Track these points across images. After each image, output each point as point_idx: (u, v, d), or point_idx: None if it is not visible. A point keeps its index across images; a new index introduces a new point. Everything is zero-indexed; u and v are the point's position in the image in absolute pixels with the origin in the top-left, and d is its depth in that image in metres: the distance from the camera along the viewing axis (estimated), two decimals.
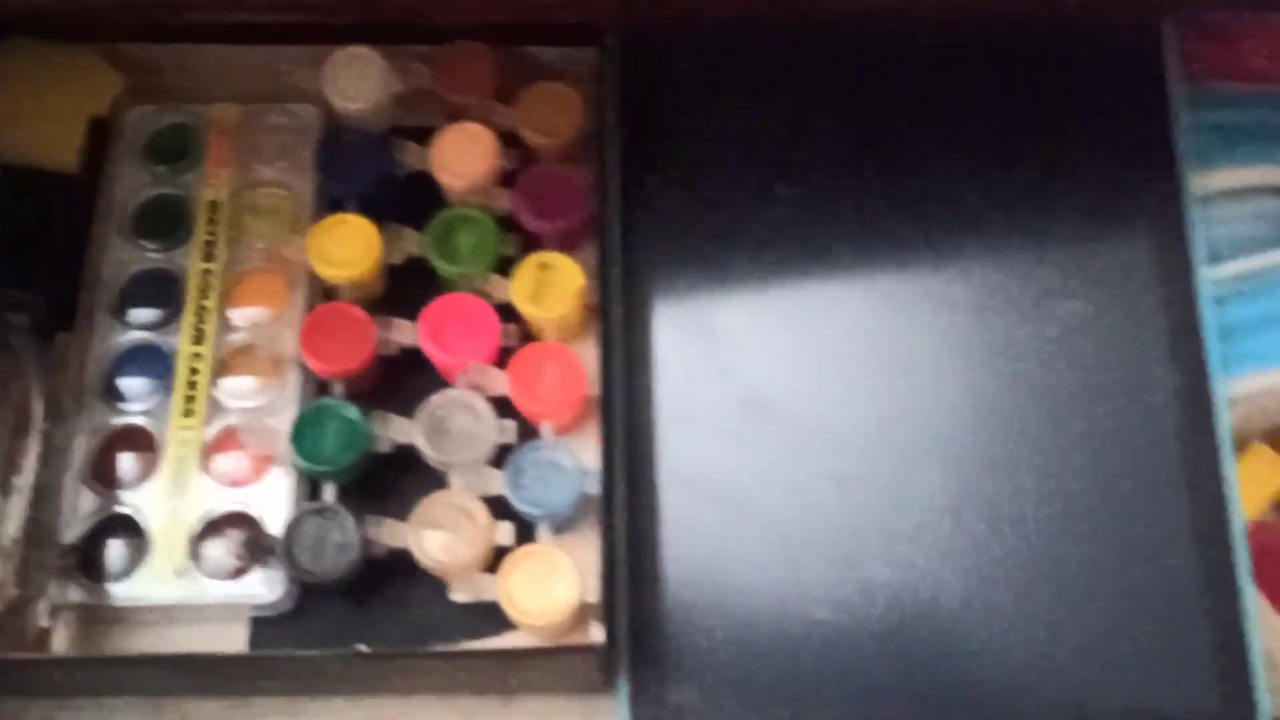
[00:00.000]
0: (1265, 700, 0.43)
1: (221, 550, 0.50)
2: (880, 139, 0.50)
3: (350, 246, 0.54)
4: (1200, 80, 0.50)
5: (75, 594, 0.48)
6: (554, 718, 0.50)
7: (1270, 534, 0.50)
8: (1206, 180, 0.48)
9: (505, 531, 0.50)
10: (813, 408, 0.49)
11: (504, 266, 0.55)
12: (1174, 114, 0.48)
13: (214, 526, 0.50)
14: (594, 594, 0.46)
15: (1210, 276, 0.47)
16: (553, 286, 0.53)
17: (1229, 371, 0.47)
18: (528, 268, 0.54)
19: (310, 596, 0.50)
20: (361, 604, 0.50)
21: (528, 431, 0.52)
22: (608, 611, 0.43)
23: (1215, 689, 0.43)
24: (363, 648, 0.45)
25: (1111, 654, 0.44)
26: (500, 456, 0.51)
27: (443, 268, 0.55)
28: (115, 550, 0.50)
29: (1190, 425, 0.45)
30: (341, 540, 0.49)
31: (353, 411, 0.51)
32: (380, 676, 0.49)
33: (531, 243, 0.55)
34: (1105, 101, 0.49)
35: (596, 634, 0.43)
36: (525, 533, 0.50)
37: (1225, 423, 0.45)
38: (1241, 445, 0.52)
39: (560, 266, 0.54)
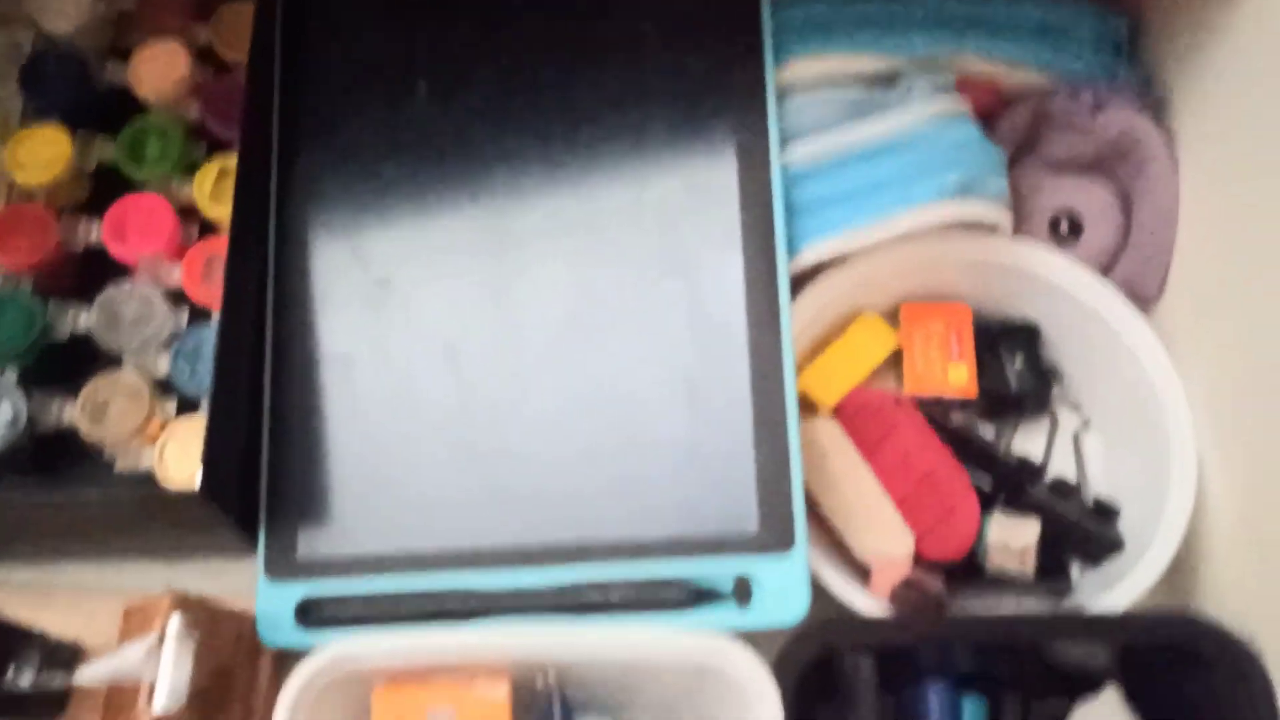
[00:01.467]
0: (803, 530, 0.47)
1: None
2: (500, 42, 0.54)
3: (43, 154, 0.58)
4: None
5: None
6: (214, 578, 0.54)
7: (867, 397, 0.55)
8: (789, 70, 0.52)
9: (169, 408, 0.54)
10: (437, 287, 0.53)
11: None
12: (762, 8, 0.52)
13: None
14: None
15: (784, 159, 0.51)
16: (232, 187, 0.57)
17: (802, 242, 0.51)
18: (209, 170, 0.58)
19: None
20: (40, 477, 0.54)
21: (207, 318, 0.56)
22: (207, 466, 0.47)
23: (762, 520, 0.47)
24: None
25: (679, 491, 0.48)
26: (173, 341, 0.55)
27: (132, 171, 0.58)
28: None
29: (759, 292, 0.49)
30: (9, 417, 0.53)
31: (29, 300, 0.55)
32: (53, 539, 0.53)
33: (223, 148, 0.59)
34: None
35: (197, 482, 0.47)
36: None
37: (786, 288, 0.49)
38: (854, 315, 0.56)
39: None
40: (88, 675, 0.47)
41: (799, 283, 0.53)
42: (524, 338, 0.51)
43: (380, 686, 0.46)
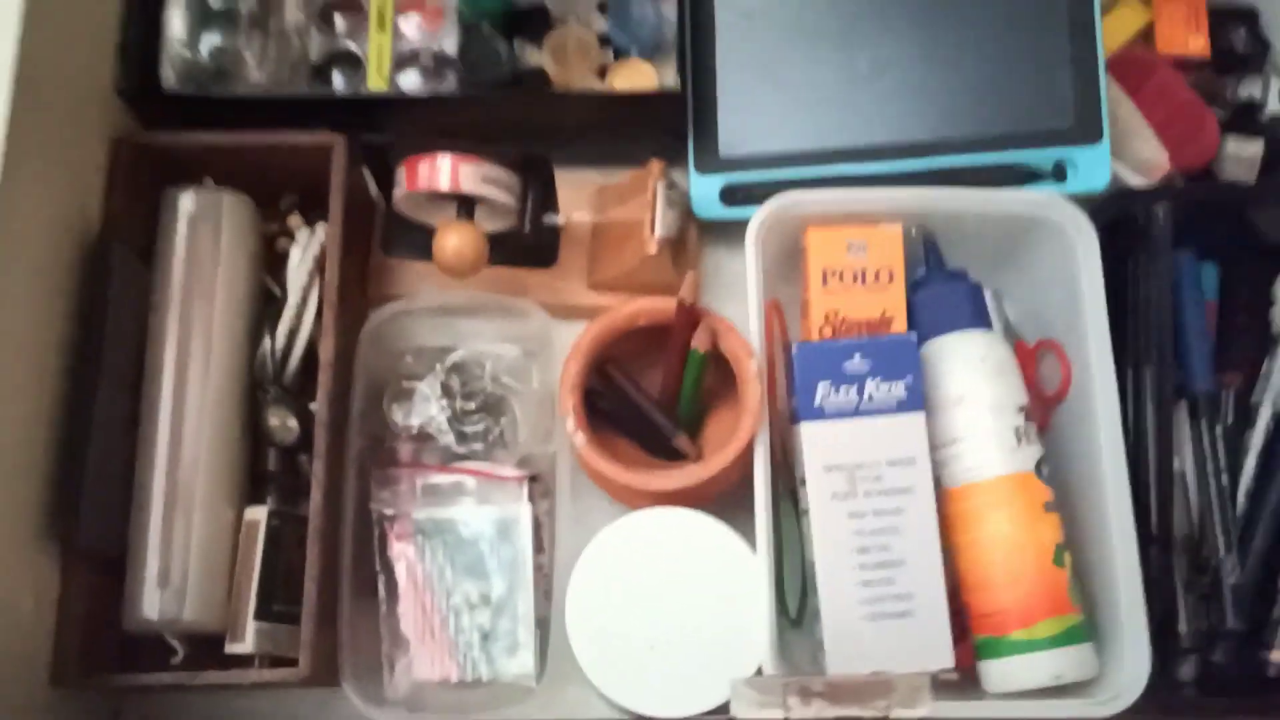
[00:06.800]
0: (1107, 126, 0.63)
1: None
2: None
3: None
4: None
5: None
6: None
7: (1127, 55, 0.70)
8: None
9: (608, 54, 0.70)
10: None
11: None
12: None
13: None
14: None
15: None
16: None
17: None
18: None
19: None
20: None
21: None
22: (680, 76, 0.64)
23: (1077, 119, 0.64)
24: None
25: (1017, 100, 0.64)
26: None
27: None
28: None
29: None
30: (503, 56, 0.68)
31: None
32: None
33: None
34: None
35: None
36: None
37: None
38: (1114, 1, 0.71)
39: None
40: (605, 216, 0.64)
41: None
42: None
43: (812, 227, 0.62)
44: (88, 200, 0.61)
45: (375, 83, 0.69)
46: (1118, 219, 0.63)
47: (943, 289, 0.61)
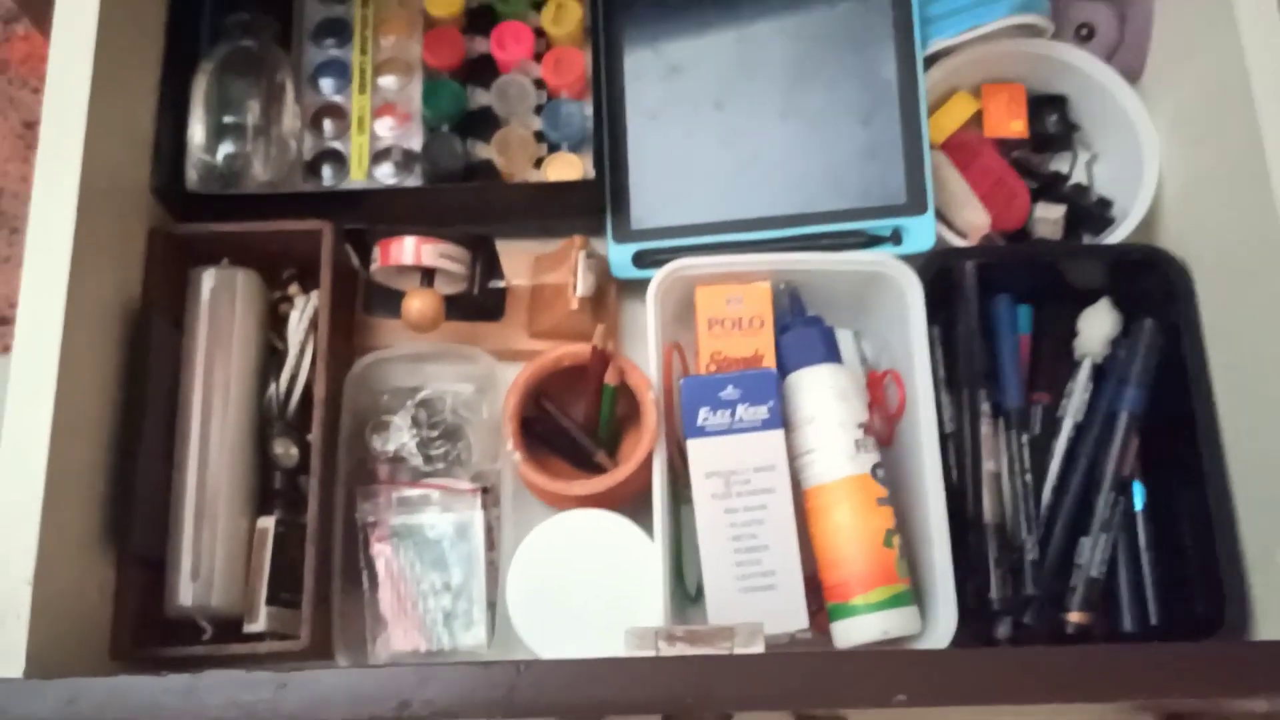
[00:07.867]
0: (931, 200, 0.79)
1: None
2: None
3: None
4: None
5: None
6: None
7: (960, 137, 0.86)
8: None
9: (543, 148, 0.86)
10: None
11: None
12: None
13: None
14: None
15: None
16: None
17: (930, 39, 0.82)
18: (551, 4, 0.88)
19: None
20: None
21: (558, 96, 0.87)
22: (597, 168, 0.80)
23: (908, 196, 0.79)
24: None
25: (861, 184, 0.80)
26: None
27: (502, 8, 0.89)
28: None
29: (906, 70, 0.81)
30: (458, 151, 0.84)
31: (454, 86, 0.86)
32: (477, 221, 0.85)
33: None
34: None
35: None
36: None
37: (920, 66, 0.80)
38: (949, 94, 0.87)
39: None
40: (540, 279, 0.80)
41: (928, 63, 0.84)
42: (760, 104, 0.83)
43: (699, 285, 0.78)
44: (131, 280, 0.77)
45: (356, 175, 0.86)
46: (940, 273, 0.78)
47: (801, 332, 0.77)
